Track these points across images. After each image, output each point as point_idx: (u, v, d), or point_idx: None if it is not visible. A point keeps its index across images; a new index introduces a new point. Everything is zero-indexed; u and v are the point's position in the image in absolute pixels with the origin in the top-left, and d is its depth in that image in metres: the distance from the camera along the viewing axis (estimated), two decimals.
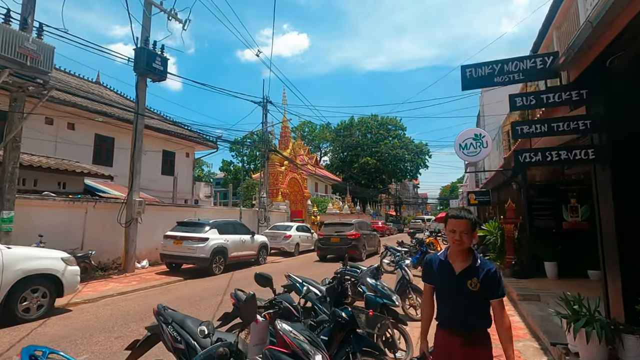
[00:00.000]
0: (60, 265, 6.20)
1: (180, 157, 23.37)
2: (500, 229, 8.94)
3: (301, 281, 4.78)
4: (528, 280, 7.74)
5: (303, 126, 57.62)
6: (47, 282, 6.06)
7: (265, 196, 19.68)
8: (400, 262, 6.46)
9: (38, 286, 5.92)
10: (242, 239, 12.24)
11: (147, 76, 11.31)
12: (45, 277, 6.00)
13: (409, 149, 51.93)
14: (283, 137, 28.86)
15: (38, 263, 5.93)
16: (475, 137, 8.83)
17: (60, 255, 6.40)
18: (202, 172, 65.60)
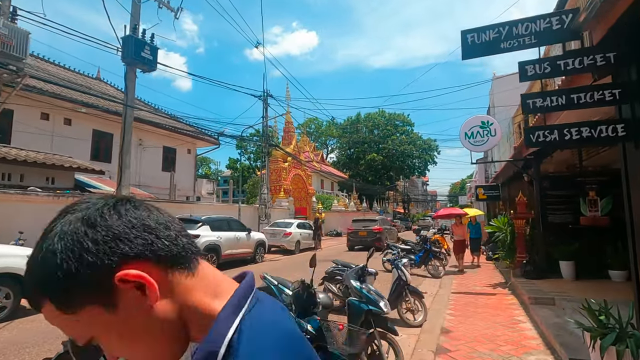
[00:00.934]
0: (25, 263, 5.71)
1: (181, 153, 23.01)
2: (510, 225, 8.19)
3: (277, 283, 4.16)
4: (541, 281, 7.00)
5: (309, 122, 57.01)
6: (11, 282, 5.57)
7: (266, 192, 19.14)
8: (396, 261, 5.80)
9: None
10: (237, 236, 11.70)
11: (136, 66, 10.82)
12: (8, 277, 5.52)
13: (417, 145, 50.89)
14: (286, 132, 28.30)
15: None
16: (483, 125, 8.09)
17: (27, 252, 5.90)
18: (209, 170, 65.65)
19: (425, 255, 10.04)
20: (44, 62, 17.96)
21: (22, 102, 14.02)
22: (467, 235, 10.94)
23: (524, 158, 7.76)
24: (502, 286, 7.97)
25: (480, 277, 9.41)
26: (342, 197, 42.40)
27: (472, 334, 4.80)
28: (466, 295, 7.16)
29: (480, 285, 8.31)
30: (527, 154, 7.55)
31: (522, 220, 7.83)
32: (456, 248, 10.50)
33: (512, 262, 8.00)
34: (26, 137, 14.33)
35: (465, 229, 10.87)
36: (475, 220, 11.97)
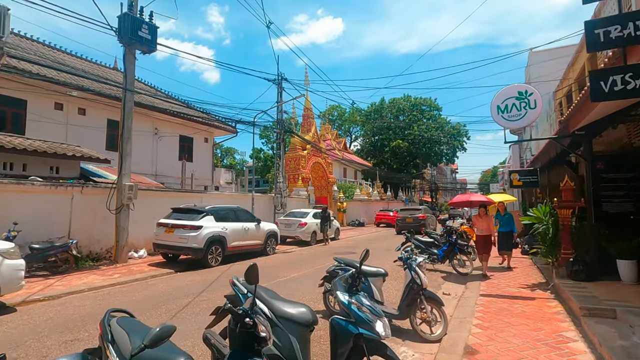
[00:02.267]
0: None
1: (198, 142, 22.67)
2: (552, 216, 6.87)
3: (246, 291, 3.26)
4: (594, 285, 5.72)
5: (332, 110, 55.70)
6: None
7: (281, 181, 18.37)
8: (409, 260, 4.75)
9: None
10: (245, 227, 10.98)
11: (134, 47, 10.17)
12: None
13: (445, 131, 48.42)
14: (305, 119, 27.34)
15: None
16: (520, 96, 6.74)
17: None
18: (234, 160, 66.07)
19: (450, 249, 8.86)
20: (59, 52, 17.88)
21: (35, 91, 13.99)
22: (493, 229, 8.47)
23: (571, 134, 6.38)
24: (542, 288, 6.72)
25: (516, 275, 8.14)
26: (366, 185, 41.14)
27: (505, 356, 3.72)
28: (498, 300, 6.00)
29: (515, 285, 7.09)
30: (576, 129, 6.18)
31: (569, 210, 6.49)
32: (479, 246, 8.33)
33: (554, 259, 6.71)
34: (40, 127, 14.27)
35: (491, 220, 8.40)
36: (505, 210, 9.39)
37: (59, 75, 14.31)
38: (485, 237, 8.19)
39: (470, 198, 9.29)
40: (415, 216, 20.83)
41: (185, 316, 5.24)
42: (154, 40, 10.40)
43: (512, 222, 9.08)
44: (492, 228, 8.21)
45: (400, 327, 4.86)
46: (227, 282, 7.93)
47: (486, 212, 8.68)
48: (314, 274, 8.33)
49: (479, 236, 8.33)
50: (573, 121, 6.18)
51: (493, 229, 8.24)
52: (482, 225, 8.24)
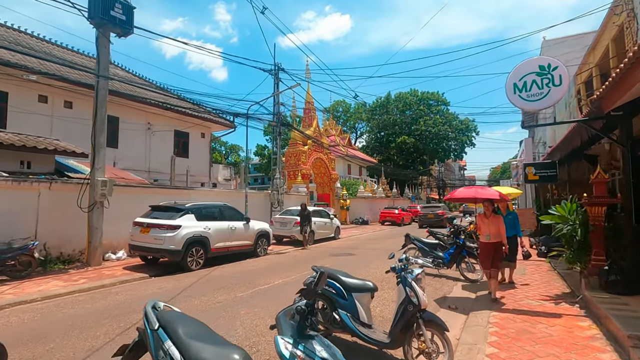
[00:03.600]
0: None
1: (194, 137, 21.84)
2: (580, 214, 5.76)
3: (156, 326, 2.26)
4: (636, 300, 4.62)
5: (336, 105, 54.56)
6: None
7: (278, 177, 17.39)
8: (403, 272, 3.72)
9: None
10: (232, 226, 10.03)
11: (107, 28, 9.24)
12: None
13: (453, 126, 46.91)
14: (307, 113, 26.31)
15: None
16: (541, 71, 5.63)
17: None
18: (239, 157, 65.39)
19: (458, 252, 7.80)
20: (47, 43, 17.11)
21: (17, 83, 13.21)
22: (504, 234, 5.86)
23: (605, 115, 5.26)
24: (567, 300, 5.63)
25: (534, 283, 7.04)
26: (371, 182, 40.01)
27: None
28: (516, 316, 4.94)
29: (535, 296, 6.01)
30: (612, 109, 5.06)
31: (601, 208, 5.38)
32: (484, 257, 5.93)
33: (583, 266, 5.61)
34: (23, 121, 13.51)
35: (501, 222, 5.87)
36: (507, 208, 7.10)
37: (40, 66, 13.53)
38: (494, 245, 5.78)
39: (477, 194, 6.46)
40: (436, 212, 24.37)
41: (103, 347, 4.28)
42: (130, 21, 9.47)
43: (517, 223, 6.84)
44: (503, 232, 5.78)
45: (393, 355, 3.83)
46: (204, 289, 7.05)
47: (495, 209, 6.30)
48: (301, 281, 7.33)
49: (484, 244, 5.91)
50: (609, 99, 5.05)
51: (504, 234, 5.83)
52: (489, 229, 5.82)
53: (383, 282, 6.89)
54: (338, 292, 3.92)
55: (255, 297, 6.02)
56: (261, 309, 5.28)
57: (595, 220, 5.43)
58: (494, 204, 6.24)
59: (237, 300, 5.85)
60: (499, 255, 5.85)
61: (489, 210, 6.00)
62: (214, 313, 5.13)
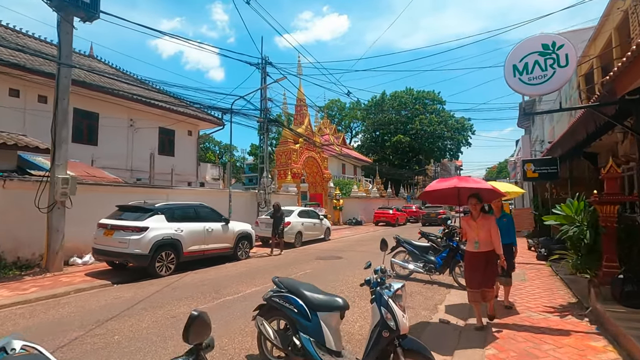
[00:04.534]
0: None
1: (181, 135, 21.00)
2: (589, 214, 5.05)
3: None
4: None
5: (331, 104, 53.83)
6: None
7: (266, 175, 16.62)
8: (378, 287, 2.98)
9: None
10: (208, 227, 9.26)
11: (70, 12, 8.44)
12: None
13: (449, 125, 46.34)
14: (298, 111, 25.56)
15: None
16: (544, 51, 4.92)
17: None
18: (234, 157, 64.52)
19: (451, 255, 7.07)
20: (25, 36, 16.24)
21: None
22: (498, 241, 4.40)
23: (618, 100, 4.55)
24: (575, 312, 4.92)
25: (535, 290, 6.33)
26: (365, 182, 39.32)
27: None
28: (517, 333, 4.22)
29: (538, 307, 5.30)
30: (627, 92, 4.36)
31: (614, 207, 4.68)
32: (471, 271, 4.54)
33: (595, 275, 4.91)
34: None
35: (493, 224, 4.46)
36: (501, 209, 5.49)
37: (10, 57, 12.71)
38: (485, 255, 4.36)
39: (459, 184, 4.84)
40: (437, 211, 25.28)
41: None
42: (95, 4, 8.67)
43: (512, 228, 5.31)
44: (496, 238, 4.34)
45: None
46: (165, 299, 6.21)
47: (486, 209, 4.98)
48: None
49: (472, 255, 4.48)
50: (623, 81, 4.35)
51: (498, 241, 4.35)
52: (477, 234, 4.39)
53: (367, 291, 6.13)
54: (300, 310, 3.17)
55: (218, 310, 5.26)
56: (219, 326, 4.52)
57: (607, 221, 4.72)
58: (481, 200, 4.57)
59: None
60: (491, 269, 4.38)
61: (475, 208, 4.47)
62: (161, 331, 4.36)
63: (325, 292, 3.39)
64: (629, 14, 9.04)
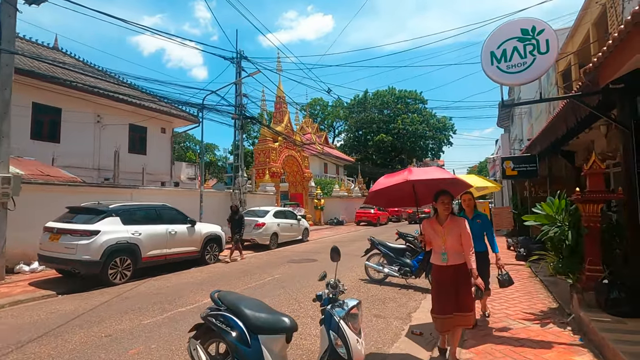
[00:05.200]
0: None
1: (153, 132, 20.02)
2: (571, 213, 4.70)
3: None
4: None
5: (314, 103, 53.34)
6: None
7: (241, 174, 15.94)
8: (329, 306, 2.46)
9: None
10: (171, 230, 8.58)
11: None
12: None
13: (431, 124, 46.58)
14: (278, 109, 24.91)
15: None
16: (523, 36, 4.54)
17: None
18: (215, 157, 63.18)
19: (428, 258, 6.62)
20: None
21: None
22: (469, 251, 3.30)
23: (602, 89, 4.20)
24: (557, 320, 4.56)
25: (514, 295, 5.99)
26: (348, 181, 38.98)
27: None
28: (495, 347, 3.79)
29: (517, 314, 4.93)
30: (612, 81, 4.00)
31: (597, 205, 4.33)
32: (439, 292, 3.44)
33: (577, 279, 4.55)
34: None
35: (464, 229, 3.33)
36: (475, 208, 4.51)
37: None
38: (455, 270, 3.35)
39: (411, 176, 3.69)
40: (422, 210, 24.26)
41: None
42: None
43: (490, 229, 4.34)
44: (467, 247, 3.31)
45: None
46: (108, 313, 5.33)
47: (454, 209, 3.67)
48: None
49: (439, 269, 3.44)
50: (608, 68, 3.99)
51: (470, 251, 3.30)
52: (444, 241, 3.37)
53: None
54: (239, 333, 2.62)
55: (164, 325, 4.64)
56: (161, 344, 3.92)
57: (590, 220, 4.37)
58: (452, 196, 3.50)
59: (139, 330, 4.45)
60: (466, 289, 3.29)
61: (444, 207, 3.34)
62: (87, 355, 3.72)
63: (272, 309, 2.85)
64: (607, 8, 8.88)
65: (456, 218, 3.44)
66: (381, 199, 4.45)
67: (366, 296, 6.20)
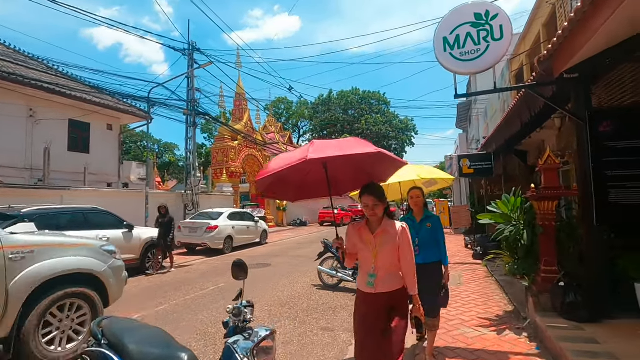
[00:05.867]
0: None
1: (98, 129, 18.32)
2: (526, 212, 4.46)
3: None
4: (607, 331, 3.31)
5: (278, 102, 52.41)
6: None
7: (193, 174, 14.93)
8: (234, 334, 1.87)
9: None
10: (102, 236, 7.55)
11: None
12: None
13: (394, 125, 47.34)
14: (237, 106, 23.93)
15: None
16: (477, 21, 4.23)
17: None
18: (174, 157, 60.32)
19: None
20: None
21: None
22: (412, 271, 2.30)
23: (556, 79, 3.95)
24: (513, 325, 4.28)
25: (470, 297, 5.72)
26: None
27: None
28: (447, 352, 3.38)
29: (472, 320, 4.61)
30: (566, 70, 3.75)
31: (552, 203, 4.09)
32: (360, 327, 2.33)
33: (531, 279, 4.30)
34: None
35: (405, 238, 2.28)
36: (425, 207, 3.48)
37: None
38: (387, 299, 2.29)
39: (316, 153, 2.22)
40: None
41: None
42: None
43: (441, 234, 3.38)
44: (410, 265, 2.30)
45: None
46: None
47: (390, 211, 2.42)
48: (156, 318, 5.32)
49: (365, 298, 2.35)
50: (562, 56, 3.74)
51: (413, 272, 2.31)
52: (373, 256, 2.31)
53: (296, 311, 5.08)
54: None
55: None
56: None
57: (545, 219, 4.12)
58: (380, 194, 2.31)
59: None
60: (398, 330, 2.22)
61: (375, 211, 2.29)
62: None
63: (169, 342, 2.20)
64: (557, 8, 9.03)
65: (393, 224, 2.32)
66: (282, 188, 2.88)
67: (317, 304, 5.68)
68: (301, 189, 2.96)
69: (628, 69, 4.38)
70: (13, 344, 3.22)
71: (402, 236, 2.29)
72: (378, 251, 2.29)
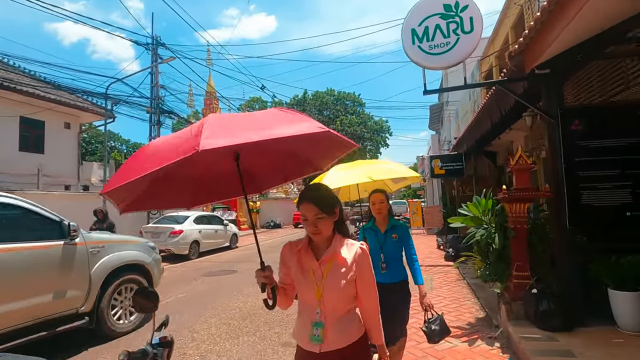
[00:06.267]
0: None
1: (54, 128, 17.08)
2: (497, 215, 4.26)
3: None
4: (582, 339, 3.13)
5: (252, 102, 51.52)
6: None
7: None
8: None
9: None
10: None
11: None
12: None
13: (368, 126, 47.61)
14: (207, 104, 23.15)
15: None
16: (446, 13, 3.99)
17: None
18: None
19: None
20: None
21: None
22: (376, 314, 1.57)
23: (528, 75, 3.77)
24: (485, 334, 4.05)
25: (441, 302, 5.50)
26: (288, 183, 38.06)
27: None
28: None
29: None
30: (537, 66, 3.56)
31: (524, 205, 3.90)
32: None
33: (503, 285, 4.10)
34: None
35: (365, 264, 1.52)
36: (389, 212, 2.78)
37: None
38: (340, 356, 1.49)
39: (209, 139, 1.16)
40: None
41: None
42: None
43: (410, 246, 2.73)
44: (371, 304, 1.57)
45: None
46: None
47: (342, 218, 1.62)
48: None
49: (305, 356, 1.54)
50: (532, 51, 3.55)
51: (377, 314, 1.59)
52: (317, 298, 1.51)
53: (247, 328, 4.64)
54: None
55: None
56: None
57: (517, 222, 3.93)
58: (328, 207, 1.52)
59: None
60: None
61: (317, 222, 1.49)
62: None
63: None
64: (524, 9, 9.10)
65: (348, 244, 1.56)
66: (164, 193, 1.90)
67: (281, 316, 5.27)
68: (199, 190, 2.00)
69: (595, 68, 4.29)
70: (95, 317, 4.21)
71: (360, 262, 1.51)
72: (325, 286, 1.49)
